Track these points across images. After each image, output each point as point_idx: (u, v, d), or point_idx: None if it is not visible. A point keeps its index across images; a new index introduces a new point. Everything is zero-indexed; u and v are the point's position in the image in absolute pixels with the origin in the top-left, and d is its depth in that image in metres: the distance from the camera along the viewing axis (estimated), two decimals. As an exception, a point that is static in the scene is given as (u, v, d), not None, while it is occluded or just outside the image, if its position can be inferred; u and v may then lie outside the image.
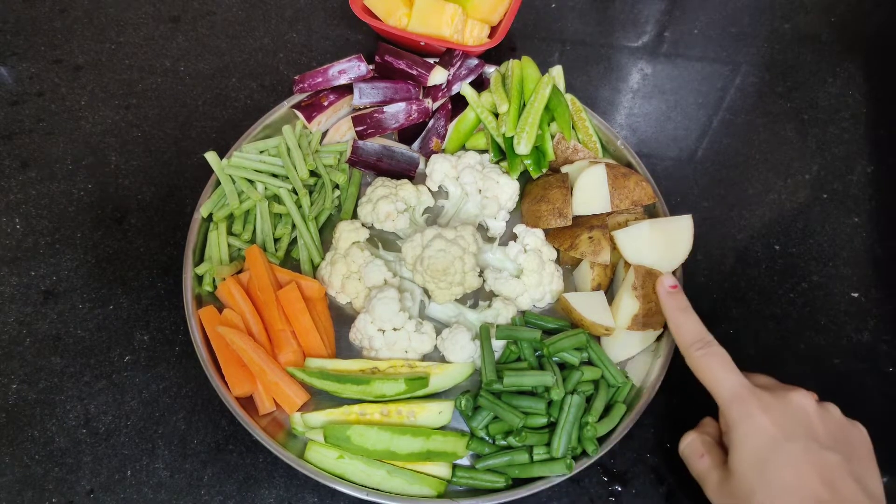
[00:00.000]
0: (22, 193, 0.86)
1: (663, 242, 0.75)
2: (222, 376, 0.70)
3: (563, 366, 0.72)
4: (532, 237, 0.79)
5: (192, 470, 0.69)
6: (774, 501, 0.54)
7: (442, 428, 0.70)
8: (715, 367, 0.61)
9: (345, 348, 0.76)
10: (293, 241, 0.82)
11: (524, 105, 0.84)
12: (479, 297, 0.80)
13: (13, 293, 0.79)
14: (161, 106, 0.95)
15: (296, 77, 0.89)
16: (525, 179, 0.86)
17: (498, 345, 0.73)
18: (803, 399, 0.58)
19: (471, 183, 0.83)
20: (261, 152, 0.85)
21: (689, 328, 0.65)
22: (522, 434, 0.66)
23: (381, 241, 0.83)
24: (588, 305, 0.74)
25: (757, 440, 0.56)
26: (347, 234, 0.79)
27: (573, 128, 0.86)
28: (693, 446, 0.64)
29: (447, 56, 0.89)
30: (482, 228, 0.85)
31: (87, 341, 0.76)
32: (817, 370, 0.78)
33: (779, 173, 0.94)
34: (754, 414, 0.57)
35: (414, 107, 0.86)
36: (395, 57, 0.88)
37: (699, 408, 0.75)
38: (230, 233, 0.80)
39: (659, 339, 0.75)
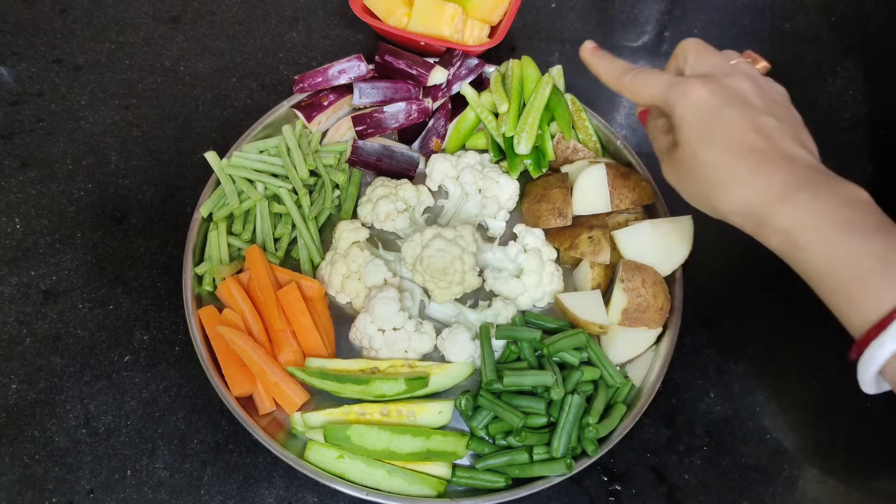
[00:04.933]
0: (22, 193, 0.86)
1: (663, 242, 0.75)
2: (222, 376, 0.70)
3: (562, 366, 0.72)
4: (532, 237, 0.79)
5: (192, 470, 0.69)
6: (716, 156, 0.57)
7: (442, 428, 0.70)
8: (648, 77, 0.63)
9: (345, 348, 0.76)
10: (293, 241, 0.82)
11: (524, 105, 0.84)
12: (479, 296, 0.80)
13: (13, 293, 0.79)
14: (161, 106, 0.95)
15: (296, 77, 0.89)
16: (525, 179, 0.86)
17: (498, 345, 0.73)
18: (739, 81, 0.60)
19: (471, 183, 0.83)
20: (261, 152, 0.85)
21: (617, 64, 0.67)
22: (522, 434, 0.66)
23: (381, 241, 0.83)
24: (581, 305, 0.74)
25: (697, 110, 0.58)
26: (347, 233, 0.79)
27: (573, 128, 0.86)
28: (658, 124, 0.66)
29: (447, 56, 0.89)
30: (482, 228, 0.85)
31: (87, 341, 0.76)
32: (819, 370, 0.78)
33: (779, 173, 0.93)
34: (692, 89, 0.59)
35: (414, 107, 0.86)
36: (395, 57, 0.88)
37: (699, 408, 0.75)
38: (230, 233, 0.80)
39: (659, 340, 0.75)
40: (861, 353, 0.51)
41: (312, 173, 0.85)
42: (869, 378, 0.52)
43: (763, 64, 0.68)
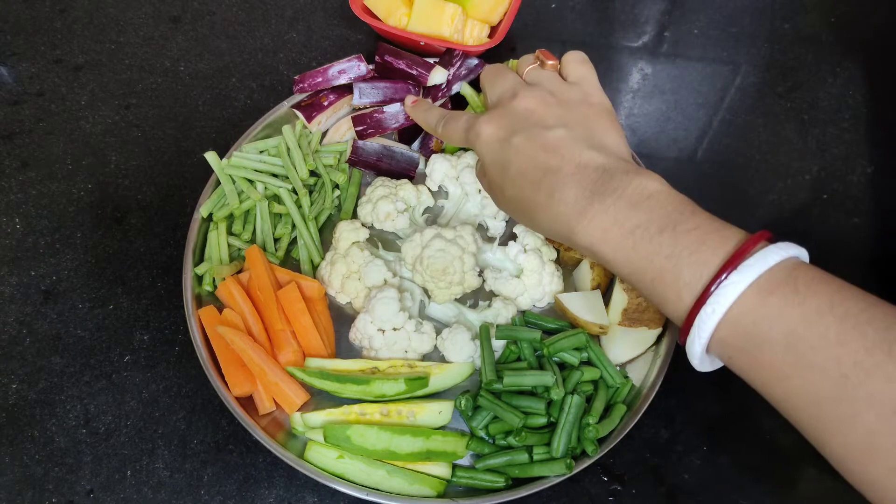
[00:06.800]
0: (22, 193, 0.86)
1: (663, 242, 0.75)
2: (222, 376, 0.70)
3: (562, 366, 0.72)
4: (532, 237, 0.79)
5: (192, 470, 0.69)
6: (516, 189, 0.60)
7: (442, 428, 0.70)
8: (454, 125, 0.68)
9: (345, 348, 0.76)
10: (293, 241, 0.82)
11: (524, 105, 0.84)
12: (479, 297, 0.80)
13: (13, 293, 0.79)
14: (161, 106, 0.95)
15: (296, 77, 0.89)
16: (525, 179, 0.85)
17: (498, 345, 0.73)
18: (525, 101, 0.61)
19: (471, 183, 0.83)
20: (261, 152, 0.85)
21: (432, 114, 0.73)
22: (522, 434, 0.66)
23: (381, 241, 0.83)
24: (581, 305, 0.74)
25: (490, 148, 0.61)
26: (347, 234, 0.79)
27: (573, 128, 0.86)
28: (477, 168, 0.70)
29: (447, 56, 0.89)
30: (482, 228, 0.85)
31: (87, 341, 0.76)
32: (817, 370, 0.78)
33: (779, 174, 0.94)
34: (482, 129, 0.62)
35: (414, 107, 0.86)
36: (395, 57, 0.88)
37: (699, 407, 0.75)
38: (230, 233, 0.80)
39: (659, 339, 0.75)
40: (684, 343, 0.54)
41: (312, 173, 0.85)
42: (696, 362, 0.54)
43: (552, 63, 0.68)
